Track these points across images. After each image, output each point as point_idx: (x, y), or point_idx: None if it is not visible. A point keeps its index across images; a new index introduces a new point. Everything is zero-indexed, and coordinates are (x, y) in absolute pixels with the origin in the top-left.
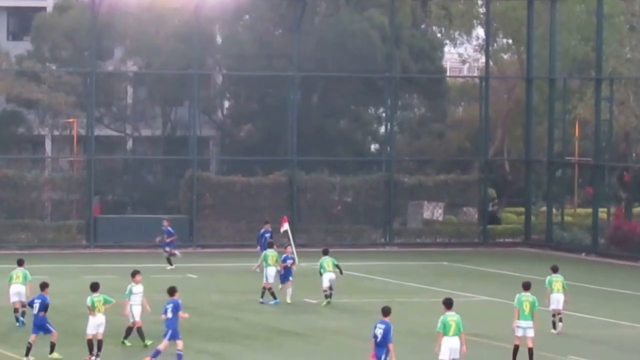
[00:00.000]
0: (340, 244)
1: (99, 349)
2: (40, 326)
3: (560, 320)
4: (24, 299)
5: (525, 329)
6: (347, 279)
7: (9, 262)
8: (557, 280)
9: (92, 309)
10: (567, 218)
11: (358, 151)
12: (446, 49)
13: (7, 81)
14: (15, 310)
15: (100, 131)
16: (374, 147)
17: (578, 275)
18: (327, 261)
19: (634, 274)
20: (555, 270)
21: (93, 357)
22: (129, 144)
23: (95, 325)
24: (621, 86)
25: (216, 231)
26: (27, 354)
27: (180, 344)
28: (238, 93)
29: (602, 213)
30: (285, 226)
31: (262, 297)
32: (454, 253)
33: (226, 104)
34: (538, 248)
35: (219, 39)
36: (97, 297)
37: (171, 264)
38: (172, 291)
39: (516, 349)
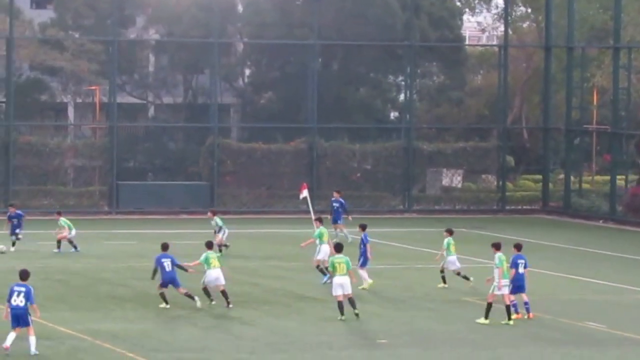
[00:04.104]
0: (359, 210)
1: (226, 298)
2: (173, 280)
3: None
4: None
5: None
6: None
7: (32, 228)
8: (453, 243)
9: (208, 264)
10: (584, 185)
11: (377, 118)
12: (465, 17)
13: (31, 49)
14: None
15: (123, 98)
16: (393, 114)
17: (595, 242)
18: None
19: None
20: (450, 232)
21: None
22: (151, 111)
23: (214, 278)
24: (639, 54)
25: (237, 197)
26: (192, 298)
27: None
28: (259, 61)
29: (620, 180)
30: (305, 193)
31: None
32: (473, 220)
33: (247, 71)
34: (556, 215)
35: (240, 7)
36: (212, 253)
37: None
38: (518, 246)
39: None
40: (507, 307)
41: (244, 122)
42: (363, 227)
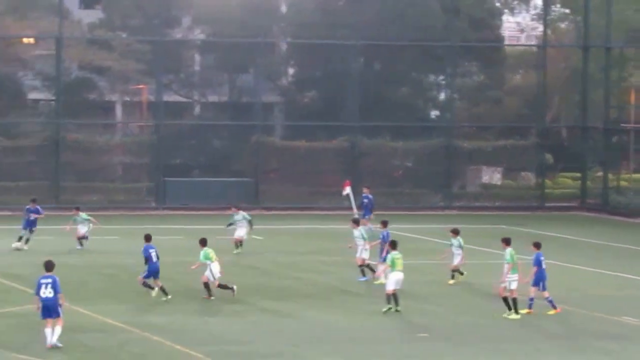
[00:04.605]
0: (400, 207)
1: (226, 287)
2: (157, 271)
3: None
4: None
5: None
6: (406, 240)
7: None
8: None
9: (210, 259)
10: (622, 183)
11: (418, 117)
12: (504, 17)
13: (80, 49)
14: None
15: (169, 97)
16: (433, 113)
17: (633, 238)
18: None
19: None
20: (457, 232)
21: (212, 297)
22: (197, 109)
23: (218, 270)
24: None
25: (280, 194)
26: (166, 294)
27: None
28: (302, 60)
29: None
30: (347, 190)
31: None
32: (512, 216)
33: (290, 71)
34: (594, 212)
35: (283, 8)
36: (208, 249)
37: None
38: (538, 245)
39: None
40: (505, 299)
41: (287, 121)
42: (384, 224)
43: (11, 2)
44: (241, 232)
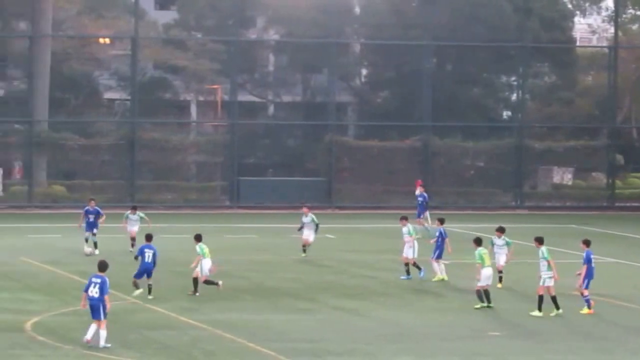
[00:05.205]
0: (471, 206)
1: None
2: (149, 270)
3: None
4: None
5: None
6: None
7: (156, 222)
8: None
9: (205, 254)
10: None
11: (490, 117)
12: (576, 19)
13: (155, 48)
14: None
15: (243, 97)
16: (505, 113)
17: None
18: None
19: None
20: (502, 231)
21: (197, 294)
22: (271, 109)
23: (209, 266)
24: None
25: (353, 193)
26: (149, 292)
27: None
28: (375, 61)
29: None
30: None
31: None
32: (582, 216)
33: (364, 71)
34: None
35: (357, 10)
36: (203, 244)
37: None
38: (588, 242)
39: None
40: (554, 298)
41: (360, 120)
42: (441, 221)
43: (88, 3)
44: (308, 234)
